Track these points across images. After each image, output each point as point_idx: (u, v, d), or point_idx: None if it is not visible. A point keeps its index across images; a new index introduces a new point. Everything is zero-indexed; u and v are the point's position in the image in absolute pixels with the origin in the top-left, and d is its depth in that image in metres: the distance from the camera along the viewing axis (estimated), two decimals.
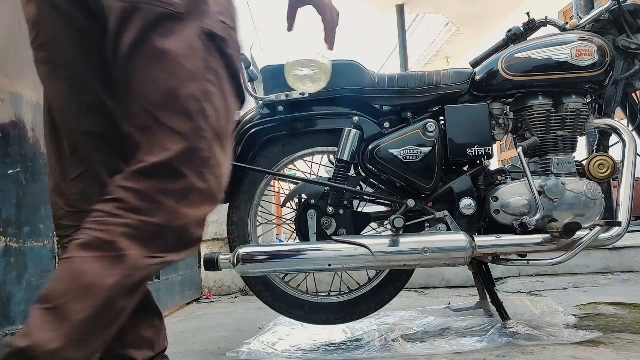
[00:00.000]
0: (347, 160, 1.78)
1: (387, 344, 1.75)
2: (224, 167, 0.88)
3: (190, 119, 0.83)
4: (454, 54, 11.64)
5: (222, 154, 0.87)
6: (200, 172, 0.83)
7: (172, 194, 0.81)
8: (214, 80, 0.86)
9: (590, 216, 1.76)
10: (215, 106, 0.85)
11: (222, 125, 0.87)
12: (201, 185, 0.84)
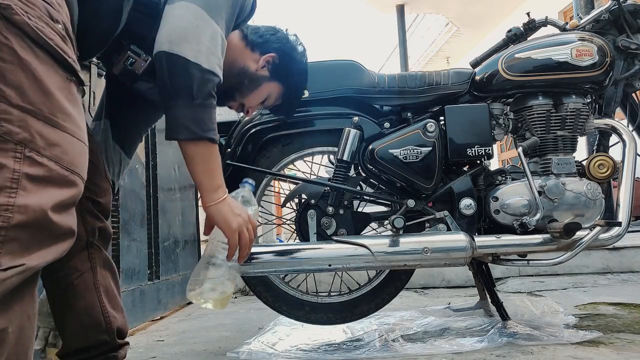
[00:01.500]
0: (347, 160, 1.78)
1: (387, 344, 1.75)
2: (64, 143, 0.80)
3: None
4: (454, 54, 11.65)
5: (51, 130, 0.78)
6: (22, 155, 0.74)
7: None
8: (8, 56, 0.75)
9: (590, 216, 1.76)
10: (15, 83, 0.75)
11: (33, 100, 0.77)
12: (31, 170, 0.75)
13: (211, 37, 1.05)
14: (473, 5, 8.83)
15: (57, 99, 0.80)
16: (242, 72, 1.37)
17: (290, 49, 1.43)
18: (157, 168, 2.75)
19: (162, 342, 2.08)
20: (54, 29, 0.83)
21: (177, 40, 1.01)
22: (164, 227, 2.81)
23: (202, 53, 1.03)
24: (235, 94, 1.39)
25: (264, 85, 1.40)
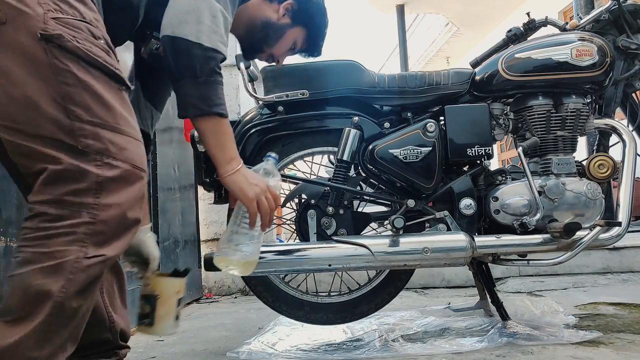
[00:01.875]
0: (347, 160, 1.78)
1: (387, 344, 1.75)
2: (130, 146, 0.93)
3: (61, 123, 0.86)
4: (454, 54, 11.64)
5: (119, 136, 0.91)
6: (102, 162, 0.88)
7: (84, 191, 0.85)
8: (70, 80, 0.87)
9: (590, 216, 1.76)
10: (82, 102, 0.87)
11: (99, 114, 0.89)
12: (110, 173, 0.88)
13: (212, 16, 1.09)
14: (473, 5, 8.82)
15: (116, 109, 0.92)
16: (265, 25, 1.41)
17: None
18: (157, 168, 2.75)
19: (162, 342, 2.08)
20: (99, 46, 0.92)
21: (178, 23, 1.06)
22: (164, 227, 2.81)
23: (203, 32, 1.07)
24: (262, 46, 1.44)
25: (288, 33, 1.45)
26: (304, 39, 1.49)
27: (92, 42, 0.91)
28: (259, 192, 1.17)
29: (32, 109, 0.85)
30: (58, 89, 0.86)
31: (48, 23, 0.86)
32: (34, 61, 0.85)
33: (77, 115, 0.87)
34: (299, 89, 1.75)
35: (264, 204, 1.18)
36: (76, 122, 0.86)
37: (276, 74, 1.79)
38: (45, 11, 0.86)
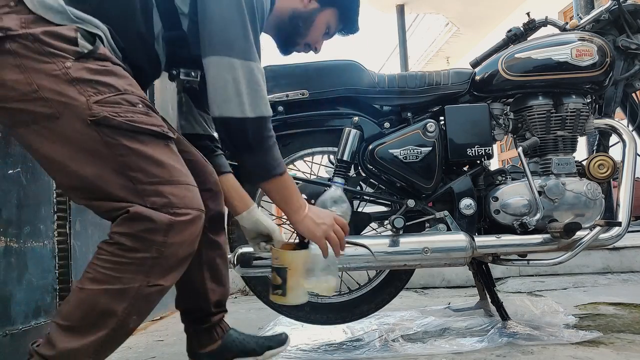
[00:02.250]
0: (347, 160, 1.77)
1: (387, 344, 1.75)
2: (187, 193, 1.04)
3: (129, 188, 0.98)
4: (454, 54, 11.65)
5: (176, 187, 1.02)
6: (169, 212, 0.99)
7: (157, 231, 0.98)
8: (123, 151, 0.98)
9: (590, 216, 1.76)
10: (137, 167, 0.99)
11: (155, 173, 1.00)
12: (177, 219, 1.00)
13: (248, 81, 1.10)
14: (473, 6, 8.82)
15: (168, 164, 1.03)
16: (293, 16, 1.38)
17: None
18: None
19: (162, 342, 2.08)
20: (138, 112, 1.01)
21: (222, 101, 1.10)
22: None
23: (246, 104, 1.10)
24: (296, 38, 1.41)
25: (318, 17, 1.40)
26: (337, 19, 1.44)
27: (132, 110, 1.00)
28: (326, 229, 1.28)
29: (102, 182, 0.98)
30: (116, 161, 0.98)
31: (93, 108, 0.96)
32: (91, 144, 0.97)
33: (138, 179, 0.98)
34: (299, 89, 1.75)
35: (333, 238, 1.29)
36: (138, 185, 0.98)
37: (276, 74, 1.79)
38: (87, 98, 0.96)
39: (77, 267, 1.72)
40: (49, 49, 0.96)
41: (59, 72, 0.96)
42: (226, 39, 1.09)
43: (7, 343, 1.35)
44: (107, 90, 0.99)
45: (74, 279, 1.70)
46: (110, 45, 1.07)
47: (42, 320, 1.51)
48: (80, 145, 0.97)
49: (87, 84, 0.97)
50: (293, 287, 1.34)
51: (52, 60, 0.96)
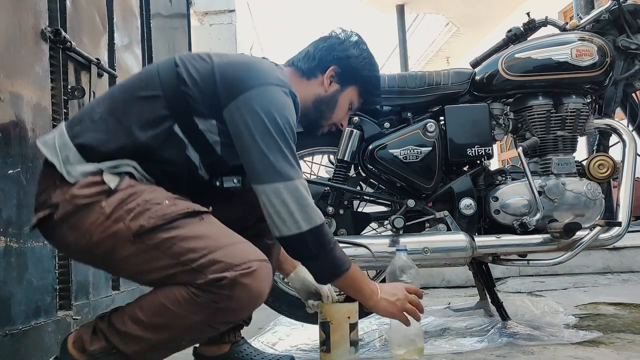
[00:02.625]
0: (347, 160, 1.78)
1: (387, 344, 1.75)
2: (239, 250, 1.10)
3: (189, 271, 1.06)
4: (454, 54, 11.63)
5: (227, 249, 1.08)
6: (231, 272, 1.05)
7: (223, 287, 1.05)
8: (168, 244, 1.07)
9: (590, 216, 1.76)
10: (186, 249, 1.07)
11: (203, 246, 1.07)
12: (238, 273, 1.06)
13: (296, 199, 1.16)
14: (473, 6, 8.82)
15: (210, 233, 1.11)
16: (317, 102, 1.40)
17: (344, 50, 1.41)
18: None
19: None
20: (166, 206, 1.10)
21: (279, 225, 1.17)
22: None
23: (299, 220, 1.16)
24: (321, 121, 1.43)
25: (340, 98, 1.42)
26: (359, 95, 1.46)
27: (160, 208, 1.09)
28: (402, 304, 1.33)
29: (167, 277, 1.08)
30: (168, 256, 1.07)
31: (131, 227, 1.07)
32: (144, 255, 1.08)
33: (191, 259, 1.06)
34: None
35: (410, 309, 1.33)
36: (194, 264, 1.05)
37: None
38: (124, 223, 1.07)
39: (77, 267, 1.72)
40: (84, 201, 1.09)
41: (99, 215, 1.09)
42: (265, 167, 1.15)
43: (7, 343, 1.35)
44: (136, 206, 1.09)
45: (74, 279, 1.70)
46: (143, 175, 1.18)
47: (42, 320, 1.51)
48: (137, 261, 1.09)
49: (120, 211, 1.09)
50: (337, 343, 1.37)
51: (89, 208, 1.09)
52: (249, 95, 1.16)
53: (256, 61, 1.26)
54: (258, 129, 1.15)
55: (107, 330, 1.10)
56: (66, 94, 1.74)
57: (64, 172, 1.12)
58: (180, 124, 1.18)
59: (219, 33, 4.38)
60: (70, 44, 1.71)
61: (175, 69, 1.20)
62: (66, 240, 1.13)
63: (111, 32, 2.19)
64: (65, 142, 1.15)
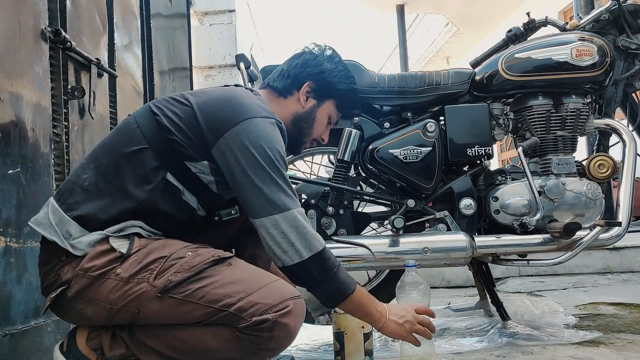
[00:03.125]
0: (347, 160, 1.77)
1: (387, 344, 1.75)
2: (273, 291, 1.10)
3: (231, 318, 1.06)
4: (454, 54, 11.63)
5: (262, 291, 1.09)
6: (270, 313, 1.07)
7: (263, 330, 1.07)
8: (200, 294, 1.08)
9: (590, 216, 1.76)
10: (221, 295, 1.07)
11: (236, 290, 1.08)
12: (277, 314, 1.08)
13: (295, 228, 1.16)
14: (473, 6, 8.82)
15: (242, 278, 1.11)
16: (295, 119, 1.40)
17: (317, 65, 1.41)
18: None
19: None
20: (189, 259, 1.11)
21: (281, 256, 1.17)
22: None
23: (300, 249, 1.16)
24: (302, 138, 1.43)
25: (318, 113, 1.42)
26: (336, 109, 1.45)
27: (184, 261, 1.10)
28: (410, 326, 1.30)
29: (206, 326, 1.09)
30: (202, 305, 1.07)
31: (156, 285, 1.08)
32: (174, 310, 1.08)
33: (227, 304, 1.06)
34: None
35: (419, 330, 1.31)
36: (232, 308, 1.06)
37: None
38: (147, 282, 1.08)
39: None
40: (98, 272, 1.09)
41: (116, 282, 1.08)
42: (261, 201, 1.15)
43: (6, 343, 1.35)
44: (157, 265, 1.10)
45: None
46: (150, 231, 1.18)
47: (41, 321, 1.51)
48: (169, 315, 1.08)
49: (140, 272, 1.09)
50: (351, 353, 1.37)
51: (105, 278, 1.09)
52: (235, 131, 1.16)
53: (234, 94, 1.25)
54: (249, 163, 1.15)
55: (127, 340, 1.11)
56: (66, 94, 1.74)
57: (69, 248, 1.11)
58: (172, 172, 1.18)
59: (219, 33, 4.38)
60: (70, 44, 1.71)
61: (155, 118, 1.20)
62: (85, 315, 1.12)
63: (111, 32, 2.19)
64: (61, 218, 1.13)
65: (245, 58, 1.78)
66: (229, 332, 1.07)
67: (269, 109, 1.26)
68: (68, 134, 1.73)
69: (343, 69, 1.44)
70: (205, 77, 4.34)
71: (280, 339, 1.08)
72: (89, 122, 1.90)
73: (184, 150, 1.17)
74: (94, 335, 1.15)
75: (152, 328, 1.11)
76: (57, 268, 1.12)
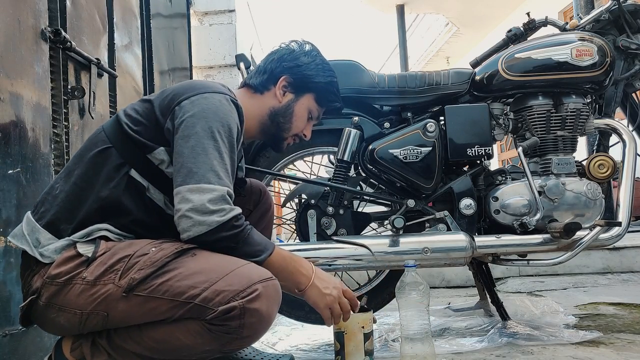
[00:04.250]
0: (347, 160, 1.77)
1: (387, 344, 1.75)
2: (236, 277, 1.07)
3: (193, 309, 1.04)
4: (454, 54, 11.63)
5: (225, 279, 1.06)
6: (234, 299, 1.04)
7: (232, 319, 1.04)
8: (164, 288, 1.05)
9: (590, 216, 1.76)
10: (185, 287, 1.05)
11: (199, 280, 1.05)
12: (245, 300, 1.05)
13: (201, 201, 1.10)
14: (473, 5, 8.82)
15: (206, 267, 1.07)
16: (272, 114, 1.38)
17: (294, 59, 1.39)
18: None
19: None
20: (153, 254, 1.08)
21: (189, 227, 1.10)
22: None
23: (210, 220, 1.09)
24: (282, 134, 1.41)
25: (296, 107, 1.40)
26: (316, 103, 1.42)
27: (147, 258, 1.08)
28: (331, 301, 1.27)
29: (175, 320, 1.06)
30: (167, 300, 1.04)
31: (120, 284, 1.05)
32: (141, 307, 1.05)
33: (192, 295, 1.03)
34: None
35: (336, 310, 1.28)
36: (197, 300, 1.03)
37: None
38: (112, 282, 1.06)
39: None
40: (65, 277, 1.08)
41: (83, 286, 1.07)
42: (184, 171, 1.12)
43: (6, 343, 1.35)
44: (122, 264, 1.08)
45: None
46: (119, 234, 1.17)
47: None
48: (138, 313, 1.06)
49: (105, 274, 1.07)
50: (351, 353, 1.36)
51: (72, 283, 1.08)
52: (182, 105, 1.15)
53: (192, 81, 1.26)
54: (187, 134, 1.12)
55: (107, 346, 1.10)
56: (66, 94, 1.74)
57: (37, 256, 1.11)
58: (136, 168, 1.17)
59: (219, 33, 4.37)
60: (70, 44, 1.71)
61: (117, 119, 1.21)
62: (59, 323, 1.10)
63: (111, 32, 2.19)
64: (32, 227, 1.14)
65: (245, 58, 1.78)
66: (198, 325, 1.05)
67: (226, 90, 1.24)
68: (68, 134, 1.74)
69: (321, 62, 1.41)
70: (205, 77, 4.33)
71: (253, 324, 1.05)
72: (89, 122, 1.90)
73: (141, 141, 1.17)
74: (76, 345, 1.13)
75: (127, 331, 1.09)
76: (29, 279, 1.12)
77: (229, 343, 1.07)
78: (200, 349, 1.07)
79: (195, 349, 1.07)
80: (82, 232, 1.13)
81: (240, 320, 1.04)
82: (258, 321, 1.06)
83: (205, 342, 1.06)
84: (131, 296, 1.05)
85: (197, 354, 1.09)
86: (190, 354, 1.09)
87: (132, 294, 1.05)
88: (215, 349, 1.08)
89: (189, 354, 1.09)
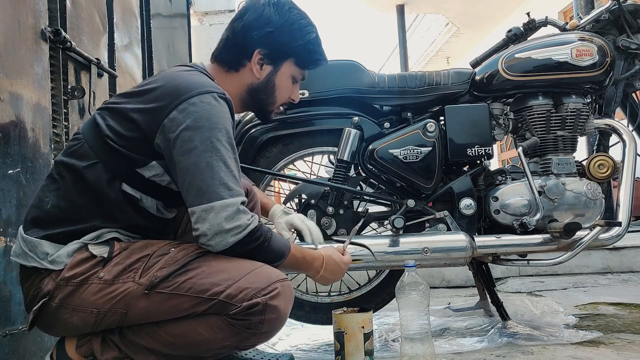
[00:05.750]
0: (347, 160, 1.77)
1: (387, 344, 1.75)
2: (258, 276, 1.11)
3: (216, 306, 1.08)
4: (454, 54, 11.64)
5: (246, 277, 1.09)
6: (257, 296, 1.09)
7: (254, 314, 1.09)
8: (188, 285, 1.08)
9: (590, 216, 1.76)
10: (208, 285, 1.08)
11: (223, 278, 1.09)
12: (267, 297, 1.10)
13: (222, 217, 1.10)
14: (473, 5, 8.82)
15: (228, 265, 1.11)
16: (252, 91, 1.30)
17: (263, 24, 1.24)
18: None
19: None
20: (173, 254, 1.11)
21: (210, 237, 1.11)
22: None
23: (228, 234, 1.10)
24: (266, 108, 1.35)
25: (277, 79, 1.30)
26: (297, 66, 1.32)
27: (169, 257, 1.10)
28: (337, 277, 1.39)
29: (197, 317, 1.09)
30: (191, 297, 1.07)
31: (141, 282, 1.07)
32: (163, 305, 1.07)
33: (216, 292, 1.06)
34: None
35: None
36: (220, 296, 1.07)
37: None
38: (132, 280, 1.08)
39: None
40: (81, 278, 1.08)
41: (100, 286, 1.08)
42: (193, 190, 1.11)
43: (7, 343, 1.35)
44: (141, 263, 1.10)
45: None
46: (129, 236, 1.18)
47: None
48: (159, 310, 1.08)
49: (124, 273, 1.09)
50: (351, 353, 1.37)
51: (88, 283, 1.08)
52: (171, 118, 1.10)
53: (168, 78, 1.17)
54: (186, 151, 1.09)
55: (119, 342, 1.11)
56: (66, 94, 1.74)
57: (49, 266, 1.10)
58: (127, 182, 1.15)
59: (219, 33, 4.38)
60: (70, 44, 1.71)
61: (98, 131, 1.15)
62: (71, 324, 1.10)
63: (111, 32, 2.19)
64: (32, 243, 1.12)
65: None
66: (220, 320, 1.07)
67: (209, 81, 1.17)
68: (68, 134, 1.74)
69: (295, 19, 1.26)
70: None
71: (272, 321, 1.10)
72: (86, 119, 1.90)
73: (130, 156, 1.13)
74: (84, 342, 1.13)
75: (143, 327, 1.10)
76: (37, 282, 1.11)
77: (248, 338, 1.10)
78: (218, 344, 1.10)
79: (213, 344, 1.10)
80: (92, 234, 1.13)
81: (262, 316, 1.08)
82: (277, 318, 1.11)
83: (225, 337, 1.08)
84: (153, 294, 1.07)
85: (213, 350, 1.12)
86: (207, 349, 1.11)
87: (154, 292, 1.07)
88: (232, 345, 1.11)
89: (206, 349, 1.11)
